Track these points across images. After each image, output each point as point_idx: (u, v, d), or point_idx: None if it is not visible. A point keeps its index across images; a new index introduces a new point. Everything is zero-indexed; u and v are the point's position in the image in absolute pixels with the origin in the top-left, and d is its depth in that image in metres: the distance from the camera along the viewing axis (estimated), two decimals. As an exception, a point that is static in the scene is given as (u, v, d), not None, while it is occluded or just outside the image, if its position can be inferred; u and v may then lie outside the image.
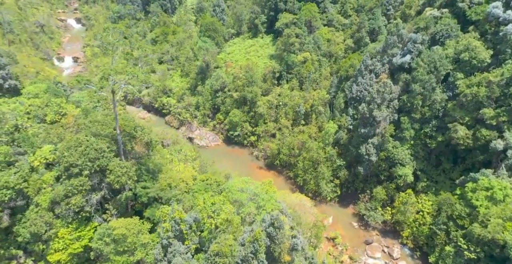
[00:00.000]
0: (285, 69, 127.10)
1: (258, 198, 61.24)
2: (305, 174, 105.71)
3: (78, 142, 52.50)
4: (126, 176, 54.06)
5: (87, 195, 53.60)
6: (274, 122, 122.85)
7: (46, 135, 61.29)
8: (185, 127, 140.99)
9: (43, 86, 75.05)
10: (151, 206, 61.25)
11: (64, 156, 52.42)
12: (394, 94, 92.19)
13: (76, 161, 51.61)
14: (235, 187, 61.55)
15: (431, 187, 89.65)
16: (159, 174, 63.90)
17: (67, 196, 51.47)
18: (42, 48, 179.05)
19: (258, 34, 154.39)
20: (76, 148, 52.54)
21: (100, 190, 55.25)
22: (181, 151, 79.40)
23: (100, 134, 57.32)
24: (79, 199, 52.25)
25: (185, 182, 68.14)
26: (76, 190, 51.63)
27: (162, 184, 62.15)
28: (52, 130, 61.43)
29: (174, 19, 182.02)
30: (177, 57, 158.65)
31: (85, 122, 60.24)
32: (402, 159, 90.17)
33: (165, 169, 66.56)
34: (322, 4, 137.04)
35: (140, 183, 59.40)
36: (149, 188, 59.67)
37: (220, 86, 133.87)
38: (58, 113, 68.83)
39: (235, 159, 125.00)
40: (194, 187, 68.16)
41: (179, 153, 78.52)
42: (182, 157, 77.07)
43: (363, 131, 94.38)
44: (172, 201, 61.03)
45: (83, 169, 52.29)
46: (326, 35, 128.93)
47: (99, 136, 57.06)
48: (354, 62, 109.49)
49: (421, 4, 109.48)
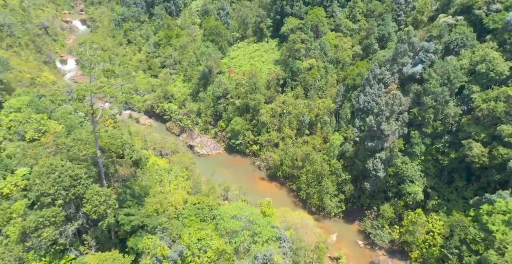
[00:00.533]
0: (290, 76, 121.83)
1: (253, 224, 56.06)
2: (309, 188, 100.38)
3: (51, 168, 47.53)
4: (105, 205, 49.12)
5: (61, 226, 48.73)
6: (277, 131, 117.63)
7: (22, 156, 56.59)
8: (186, 134, 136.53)
9: (27, 98, 70.06)
10: (135, 234, 56.20)
11: (36, 184, 47.71)
12: (404, 106, 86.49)
13: (48, 190, 46.65)
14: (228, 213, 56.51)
15: (443, 206, 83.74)
16: (146, 197, 58.77)
17: (38, 228, 46.66)
18: (45, 51, 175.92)
19: (263, 38, 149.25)
20: (49, 175, 47.50)
21: (77, 220, 50.41)
22: (171, 172, 74.26)
23: (78, 157, 52.36)
24: (51, 232, 47.10)
25: (174, 207, 63.12)
26: (48, 222, 46.54)
27: (148, 209, 57.11)
28: (29, 150, 56.60)
29: (179, 22, 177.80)
30: (180, 61, 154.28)
31: (65, 142, 55.33)
32: (412, 176, 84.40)
33: (153, 191, 61.45)
34: (330, 8, 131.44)
35: (123, 210, 54.40)
36: (133, 214, 54.56)
37: (222, 93, 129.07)
38: (38, 130, 63.98)
39: (237, 168, 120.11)
40: (184, 212, 63.09)
41: (169, 174, 73.40)
42: (172, 178, 72.03)
43: (370, 145, 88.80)
44: (158, 229, 56.12)
45: (56, 198, 47.17)
46: (333, 41, 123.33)
47: (76, 160, 52.10)
48: (362, 71, 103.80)
49: (434, 10, 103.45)
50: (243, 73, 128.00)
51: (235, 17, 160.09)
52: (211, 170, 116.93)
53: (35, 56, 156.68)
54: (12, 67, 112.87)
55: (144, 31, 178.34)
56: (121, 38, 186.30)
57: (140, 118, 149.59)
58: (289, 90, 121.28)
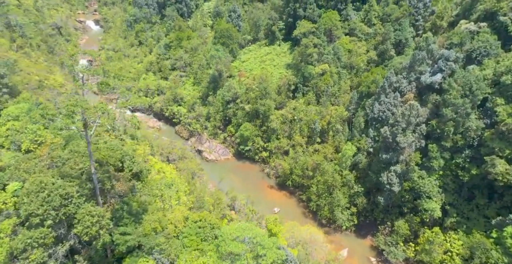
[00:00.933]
0: (302, 81, 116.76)
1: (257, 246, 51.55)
2: (319, 199, 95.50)
3: (40, 186, 43.78)
4: (97, 227, 45.24)
5: (51, 248, 44.97)
6: (288, 139, 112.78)
7: (14, 170, 53.08)
8: (194, 139, 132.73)
9: (26, 106, 66.82)
10: (131, 254, 52.40)
11: (24, 203, 44.08)
12: (422, 117, 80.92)
13: (36, 210, 43.04)
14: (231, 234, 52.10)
15: (462, 224, 77.98)
16: (144, 214, 54.76)
17: (26, 249, 43.05)
18: (57, 51, 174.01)
19: (275, 41, 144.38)
20: (38, 194, 43.82)
21: (68, 240, 46.63)
22: (172, 186, 70.04)
23: (71, 174, 48.45)
24: (39, 254, 43.45)
25: (174, 225, 59.02)
26: (37, 243, 43.00)
27: (145, 228, 53.16)
28: (22, 163, 53.11)
29: (190, 24, 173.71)
30: (191, 63, 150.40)
31: (60, 155, 51.63)
32: (429, 192, 78.82)
33: (152, 208, 57.39)
34: (344, 12, 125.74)
35: (119, 228, 50.55)
36: (130, 234, 50.61)
37: (232, 97, 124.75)
38: (34, 141, 60.44)
39: (245, 175, 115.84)
40: (185, 231, 58.95)
41: (170, 188, 69.23)
42: (173, 193, 67.83)
43: (385, 157, 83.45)
44: (155, 250, 52.06)
45: (45, 219, 43.53)
46: (347, 45, 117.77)
47: (68, 177, 48.25)
48: (377, 78, 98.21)
49: (455, 15, 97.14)
50: (254, 77, 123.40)
51: (247, 20, 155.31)
52: (219, 176, 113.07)
53: (46, 57, 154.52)
54: (20, 69, 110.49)
55: (155, 33, 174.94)
56: (132, 39, 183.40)
57: (149, 121, 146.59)
58: (300, 96, 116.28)
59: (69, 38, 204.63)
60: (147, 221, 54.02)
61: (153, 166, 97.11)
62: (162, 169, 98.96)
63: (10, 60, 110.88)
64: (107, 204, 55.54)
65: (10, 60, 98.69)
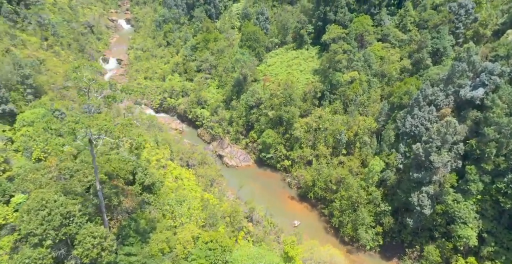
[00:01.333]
0: (329, 88, 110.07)
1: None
2: (342, 215, 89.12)
3: (41, 204, 40.51)
4: (98, 248, 41.39)
5: (50, 269, 41.58)
6: (311, 148, 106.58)
7: (21, 181, 50.19)
8: (216, 143, 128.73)
9: (41, 111, 64.52)
10: (137, 275, 48.55)
11: (23, 221, 40.92)
12: (460, 136, 73.10)
13: (35, 229, 39.90)
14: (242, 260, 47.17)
15: (501, 255, 69.79)
16: (152, 233, 50.59)
17: (24, 270, 39.94)
18: (87, 50, 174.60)
19: (303, 45, 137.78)
20: (38, 211, 40.78)
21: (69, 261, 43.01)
22: (184, 203, 65.49)
23: (75, 191, 44.79)
24: (38, 275, 40.39)
25: (183, 245, 54.58)
26: (35, 264, 39.85)
27: (152, 248, 48.89)
28: (29, 174, 50.20)
29: (218, 25, 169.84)
30: (216, 66, 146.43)
31: (69, 166, 48.30)
32: (465, 217, 70.99)
33: (161, 226, 53.12)
34: (378, 16, 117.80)
35: (124, 248, 46.59)
36: (135, 254, 46.58)
37: (256, 102, 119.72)
38: (44, 150, 57.59)
39: (266, 184, 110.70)
40: (194, 252, 54.33)
41: (181, 205, 64.69)
42: (184, 211, 63.27)
43: (416, 176, 76.12)
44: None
45: (44, 239, 40.26)
46: (379, 52, 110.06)
47: (71, 194, 44.59)
48: (410, 89, 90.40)
49: (501, 24, 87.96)
50: (279, 83, 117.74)
51: (275, 22, 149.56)
52: (239, 183, 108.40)
53: (76, 55, 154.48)
54: (47, 68, 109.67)
55: (183, 33, 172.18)
56: (160, 39, 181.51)
57: (172, 122, 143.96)
58: (327, 104, 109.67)
59: (100, 36, 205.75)
60: (154, 240, 49.95)
61: (171, 172, 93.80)
62: (180, 175, 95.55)
63: (38, 59, 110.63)
64: (113, 221, 51.90)
65: (36, 61, 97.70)
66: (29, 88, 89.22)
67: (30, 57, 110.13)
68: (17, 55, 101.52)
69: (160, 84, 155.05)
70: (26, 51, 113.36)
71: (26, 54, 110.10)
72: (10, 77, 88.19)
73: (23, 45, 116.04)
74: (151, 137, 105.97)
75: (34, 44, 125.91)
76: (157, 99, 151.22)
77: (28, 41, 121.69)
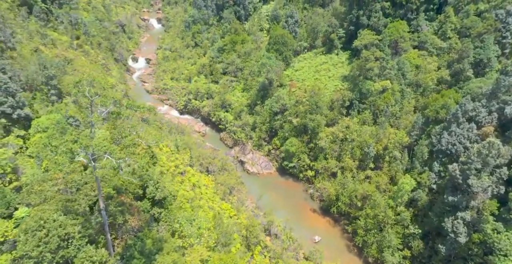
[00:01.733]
0: (358, 97, 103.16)
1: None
2: (367, 235, 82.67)
3: (39, 223, 37.30)
4: (96, 273, 37.86)
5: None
6: (337, 160, 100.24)
7: (26, 193, 47.35)
8: (238, 148, 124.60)
9: (57, 117, 62.16)
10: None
11: (20, 241, 37.81)
12: (503, 159, 64.88)
13: (31, 251, 36.58)
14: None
15: (545, 295, 61.56)
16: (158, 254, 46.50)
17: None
18: (117, 49, 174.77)
19: (333, 50, 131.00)
20: (35, 232, 37.72)
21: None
22: (194, 222, 61.01)
23: (76, 210, 41.12)
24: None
25: (190, 269, 50.51)
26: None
27: (157, 272, 45.14)
28: (35, 186, 47.39)
29: (246, 27, 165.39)
30: (242, 69, 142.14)
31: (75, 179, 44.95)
32: (506, 249, 63.08)
33: (168, 247, 48.84)
34: (415, 22, 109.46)
35: (126, 271, 43.18)
36: (138, 279, 43.07)
37: (280, 109, 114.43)
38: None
39: (287, 194, 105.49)
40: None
41: (191, 224, 60.25)
42: (194, 231, 58.82)
43: (451, 199, 68.61)
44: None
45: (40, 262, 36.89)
46: (414, 60, 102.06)
47: (72, 214, 40.94)
48: (448, 102, 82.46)
49: (556, 33, 78.41)
50: (305, 89, 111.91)
51: (305, 25, 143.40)
52: (259, 192, 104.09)
53: (105, 55, 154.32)
54: (74, 68, 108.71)
55: (211, 35, 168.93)
56: (189, 40, 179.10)
57: (195, 124, 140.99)
58: (355, 114, 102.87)
59: (131, 35, 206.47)
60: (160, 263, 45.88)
61: (189, 179, 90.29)
62: (199, 182, 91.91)
63: (67, 59, 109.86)
64: (118, 240, 48.37)
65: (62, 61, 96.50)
66: (53, 89, 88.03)
67: (59, 56, 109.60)
68: (45, 54, 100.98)
69: (185, 85, 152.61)
70: (55, 50, 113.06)
71: (55, 54, 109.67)
72: (36, 77, 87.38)
73: (53, 44, 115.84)
74: (172, 141, 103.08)
75: (64, 43, 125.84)
76: (182, 100, 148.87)
77: (58, 40, 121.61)
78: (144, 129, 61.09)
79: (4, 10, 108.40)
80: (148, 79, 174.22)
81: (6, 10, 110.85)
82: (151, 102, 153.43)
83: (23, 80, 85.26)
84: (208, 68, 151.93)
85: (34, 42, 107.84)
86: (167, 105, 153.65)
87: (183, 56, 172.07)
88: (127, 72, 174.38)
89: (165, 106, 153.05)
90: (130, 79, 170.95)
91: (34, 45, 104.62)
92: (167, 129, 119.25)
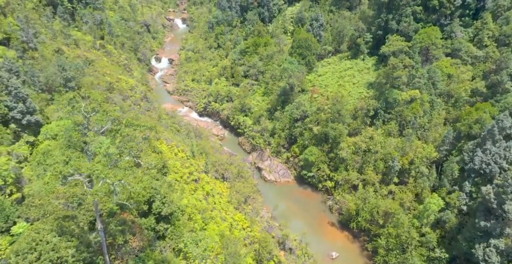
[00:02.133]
0: (384, 106, 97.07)
1: None
2: (388, 255, 76.94)
3: (31, 246, 34.60)
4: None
5: None
6: (358, 172, 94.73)
7: (26, 207, 44.75)
8: (256, 154, 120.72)
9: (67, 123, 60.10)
10: None
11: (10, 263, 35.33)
12: (548, 183, 58.16)
13: (19, 275, 33.95)
14: None
15: None
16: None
17: None
18: (141, 49, 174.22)
19: (359, 55, 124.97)
20: (26, 254, 35.08)
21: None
22: (200, 243, 57.23)
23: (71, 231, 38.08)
24: None
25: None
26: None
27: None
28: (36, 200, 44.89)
29: (270, 29, 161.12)
30: (264, 72, 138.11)
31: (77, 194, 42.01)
32: (545, 285, 56.49)
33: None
34: (448, 28, 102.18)
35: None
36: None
37: (301, 116, 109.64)
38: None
39: (305, 205, 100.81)
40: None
41: (197, 245, 56.51)
42: (200, 252, 55.12)
43: (484, 225, 62.36)
44: None
45: (30, 286, 34.43)
46: (447, 69, 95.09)
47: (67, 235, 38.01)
48: (483, 117, 75.60)
49: None
50: (327, 96, 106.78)
51: (330, 29, 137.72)
52: (276, 201, 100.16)
53: (128, 55, 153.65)
54: (95, 69, 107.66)
55: (234, 36, 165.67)
56: (212, 41, 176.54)
57: (214, 128, 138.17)
58: (380, 124, 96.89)
59: (156, 35, 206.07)
60: (161, 289, 42.78)
61: (203, 186, 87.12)
62: (213, 191, 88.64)
63: (88, 59, 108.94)
64: (118, 260, 45.32)
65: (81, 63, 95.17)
66: (72, 91, 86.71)
67: (80, 57, 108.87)
68: (67, 55, 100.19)
69: (206, 87, 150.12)
70: (77, 50, 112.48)
71: (76, 54, 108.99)
72: (55, 79, 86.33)
73: (76, 44, 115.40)
74: (188, 145, 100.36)
75: (88, 43, 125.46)
76: (202, 102, 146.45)
77: (81, 40, 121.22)
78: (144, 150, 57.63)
79: (29, 10, 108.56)
80: (169, 79, 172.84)
81: (31, 10, 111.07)
82: (171, 103, 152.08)
83: (42, 81, 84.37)
84: (229, 71, 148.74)
85: (57, 43, 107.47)
86: (187, 107, 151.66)
87: (205, 58, 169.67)
88: (149, 72, 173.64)
89: (185, 108, 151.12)
90: (152, 80, 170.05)
91: (56, 45, 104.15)
92: (185, 132, 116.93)
